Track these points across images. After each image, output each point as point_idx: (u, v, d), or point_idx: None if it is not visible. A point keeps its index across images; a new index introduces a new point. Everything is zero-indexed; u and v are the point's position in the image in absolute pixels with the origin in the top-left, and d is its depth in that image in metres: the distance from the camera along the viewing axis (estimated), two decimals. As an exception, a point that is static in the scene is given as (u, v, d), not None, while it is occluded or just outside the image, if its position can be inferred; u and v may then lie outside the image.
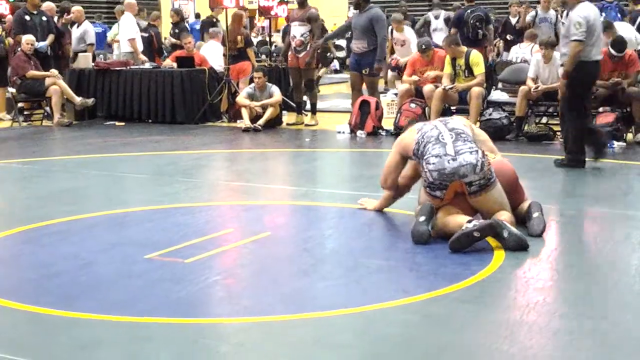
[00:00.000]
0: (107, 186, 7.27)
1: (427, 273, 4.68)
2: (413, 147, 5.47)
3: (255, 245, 5.18)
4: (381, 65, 10.89)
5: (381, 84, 12.55)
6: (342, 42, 24.15)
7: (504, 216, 5.21)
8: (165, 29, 17.15)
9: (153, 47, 14.14)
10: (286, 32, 13.33)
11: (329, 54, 18.25)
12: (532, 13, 12.40)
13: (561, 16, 12.15)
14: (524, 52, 12.04)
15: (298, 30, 11.30)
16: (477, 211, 5.39)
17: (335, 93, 16.48)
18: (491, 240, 5.09)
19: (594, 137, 8.00)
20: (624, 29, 10.89)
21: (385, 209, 6.01)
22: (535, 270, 4.68)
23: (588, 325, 3.77)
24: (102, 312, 3.94)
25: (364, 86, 10.90)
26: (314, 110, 11.59)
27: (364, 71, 10.63)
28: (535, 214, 5.38)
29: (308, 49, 11.21)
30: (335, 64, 22.30)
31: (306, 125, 11.44)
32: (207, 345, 3.59)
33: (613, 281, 4.52)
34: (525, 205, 5.55)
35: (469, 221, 5.07)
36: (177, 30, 14.57)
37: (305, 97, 11.86)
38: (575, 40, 7.61)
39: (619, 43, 9.56)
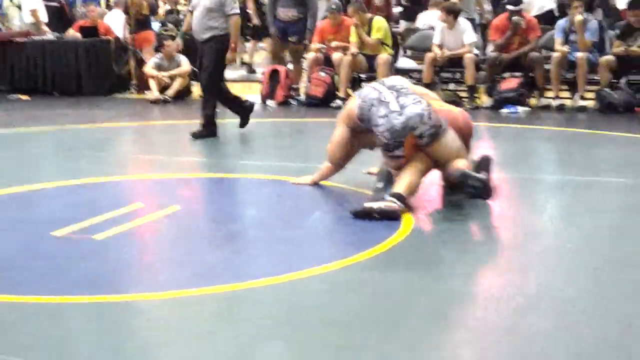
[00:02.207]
0: (10, 163, 7.07)
1: (338, 242, 4.73)
2: (357, 112, 5.42)
3: (166, 219, 5.13)
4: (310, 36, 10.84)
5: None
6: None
7: (461, 164, 5.24)
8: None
9: (64, 16, 13.66)
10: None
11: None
12: None
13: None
14: (431, 19, 12.13)
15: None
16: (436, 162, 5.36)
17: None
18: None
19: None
20: None
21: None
22: (444, 236, 4.79)
23: (496, 286, 3.89)
24: (6, 293, 3.84)
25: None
26: None
27: (290, 39, 10.66)
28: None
29: None
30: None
31: None
32: (119, 322, 3.55)
33: (518, 242, 4.66)
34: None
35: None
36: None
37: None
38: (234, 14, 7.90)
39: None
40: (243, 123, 8.46)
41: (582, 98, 9.44)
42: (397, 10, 12.99)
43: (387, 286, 3.94)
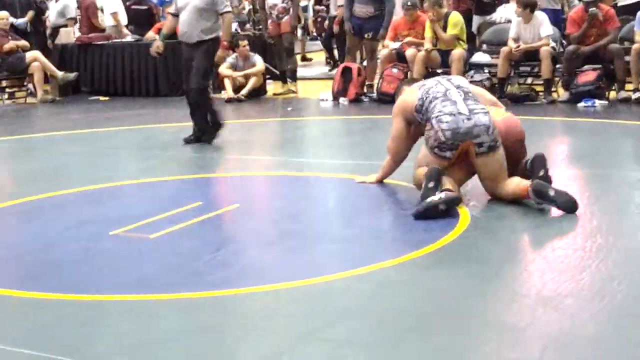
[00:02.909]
0: (84, 162, 7.24)
1: (393, 240, 4.67)
2: (416, 103, 5.28)
3: (222, 218, 5.17)
4: (385, 33, 10.77)
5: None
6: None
7: (514, 183, 5.10)
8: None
9: (152, 18, 13.85)
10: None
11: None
12: None
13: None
14: (509, 12, 11.88)
15: None
16: (475, 173, 5.25)
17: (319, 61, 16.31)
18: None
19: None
20: None
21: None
22: (500, 235, 4.66)
23: (549, 291, 3.76)
24: (62, 292, 3.93)
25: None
26: (294, 77, 11.49)
27: (366, 35, 10.67)
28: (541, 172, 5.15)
29: (291, 13, 11.19)
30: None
31: (289, 91, 11.35)
32: (166, 321, 3.57)
33: (577, 242, 4.49)
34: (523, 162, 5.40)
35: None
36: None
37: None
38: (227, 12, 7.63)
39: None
40: (209, 139, 7.78)
41: (664, 90, 9.07)
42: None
43: (436, 285, 3.87)
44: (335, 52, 13.97)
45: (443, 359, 3.08)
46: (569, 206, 4.87)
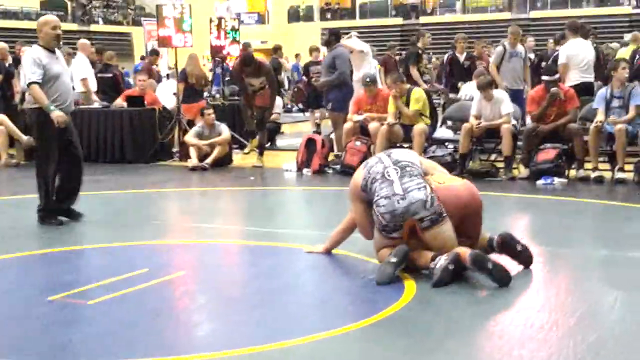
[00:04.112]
0: (31, 226, 7.11)
1: (336, 310, 4.62)
2: (361, 183, 5.32)
3: (165, 285, 5.09)
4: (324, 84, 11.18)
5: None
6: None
7: (462, 250, 5.07)
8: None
9: (117, 86, 13.92)
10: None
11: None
12: (499, 49, 11.91)
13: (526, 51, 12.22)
14: (473, 91, 12.05)
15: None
16: (428, 248, 5.22)
17: (295, 132, 16.41)
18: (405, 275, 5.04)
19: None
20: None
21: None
22: (443, 308, 4.62)
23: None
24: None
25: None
26: (261, 151, 11.44)
27: (327, 107, 11.04)
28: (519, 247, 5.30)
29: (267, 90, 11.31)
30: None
31: (253, 166, 11.30)
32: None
33: (520, 317, 4.46)
34: (484, 238, 5.44)
35: (433, 258, 5.01)
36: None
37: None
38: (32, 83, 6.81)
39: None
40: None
41: (622, 170, 9.16)
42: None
43: (377, 357, 3.80)
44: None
45: None
46: (503, 280, 4.90)
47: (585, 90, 10.48)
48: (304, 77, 16.57)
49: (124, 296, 4.80)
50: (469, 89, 12.08)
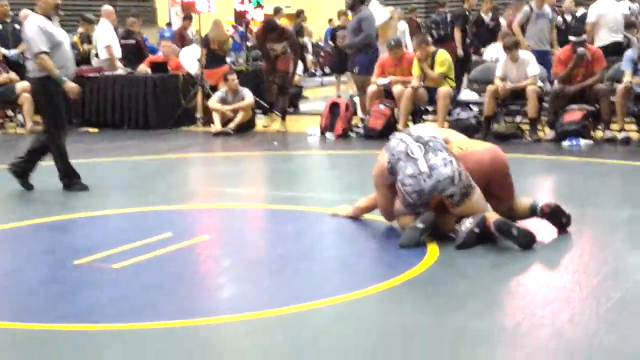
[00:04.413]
0: (59, 193, 7.17)
1: (356, 273, 4.63)
2: (387, 166, 5.21)
3: (189, 249, 5.13)
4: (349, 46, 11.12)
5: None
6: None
7: (490, 215, 5.07)
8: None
9: (140, 52, 13.91)
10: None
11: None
12: (526, 9, 11.54)
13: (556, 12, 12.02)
14: (498, 51, 11.92)
15: None
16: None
17: (319, 97, 16.36)
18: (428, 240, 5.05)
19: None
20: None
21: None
22: (465, 270, 4.62)
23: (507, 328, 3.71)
24: (14, 320, 3.89)
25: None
26: (283, 116, 11.46)
27: (353, 70, 10.91)
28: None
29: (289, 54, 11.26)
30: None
31: (277, 131, 11.30)
32: (109, 352, 3.53)
33: (542, 278, 4.45)
34: (525, 203, 5.42)
35: (458, 220, 5.02)
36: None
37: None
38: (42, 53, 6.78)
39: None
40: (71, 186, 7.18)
41: (650, 131, 9.07)
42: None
43: (396, 320, 3.83)
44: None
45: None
46: (529, 244, 4.90)
47: (613, 51, 10.32)
48: (330, 42, 16.49)
49: (149, 260, 4.85)
50: (494, 51, 11.95)
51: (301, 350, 3.48)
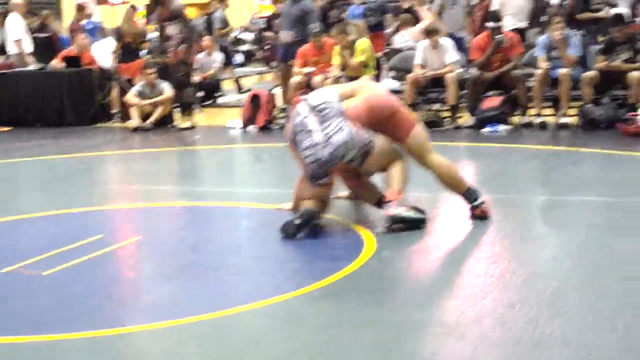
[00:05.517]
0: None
1: (293, 270, 4.60)
2: (290, 137, 5.25)
3: (122, 251, 5.01)
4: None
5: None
6: (247, 36, 24.02)
7: (393, 181, 5.20)
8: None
9: (53, 47, 13.52)
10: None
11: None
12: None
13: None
14: (406, 40, 11.98)
15: None
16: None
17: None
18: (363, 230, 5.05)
19: None
20: None
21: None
22: (403, 263, 4.64)
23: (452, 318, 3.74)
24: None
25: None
26: (190, 111, 11.15)
27: (290, 62, 10.66)
28: None
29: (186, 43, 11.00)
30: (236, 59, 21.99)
31: (180, 128, 10.85)
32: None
33: (484, 267, 4.50)
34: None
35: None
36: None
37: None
38: None
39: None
40: None
41: (565, 115, 9.28)
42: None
43: (336, 317, 3.80)
44: None
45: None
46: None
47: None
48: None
49: (80, 265, 4.70)
50: (403, 37, 12.02)
51: (242, 355, 3.42)
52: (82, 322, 3.84)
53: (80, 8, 15.64)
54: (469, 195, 5.40)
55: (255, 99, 10.50)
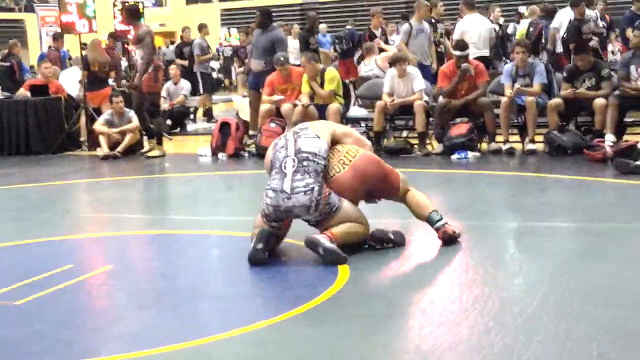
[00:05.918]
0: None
1: (268, 298, 4.58)
2: (268, 165, 5.31)
3: (94, 280, 4.96)
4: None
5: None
6: (214, 64, 24.03)
7: (337, 229, 5.10)
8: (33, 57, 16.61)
9: (14, 76, 13.48)
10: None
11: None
12: (406, 27, 11.84)
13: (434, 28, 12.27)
14: (371, 68, 12.09)
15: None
16: None
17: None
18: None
19: None
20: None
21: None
22: (378, 290, 4.65)
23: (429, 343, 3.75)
24: None
25: None
26: (159, 140, 10.88)
27: (261, 90, 10.66)
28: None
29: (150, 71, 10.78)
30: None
31: (148, 157, 10.69)
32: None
33: (459, 293, 4.52)
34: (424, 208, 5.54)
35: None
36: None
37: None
38: None
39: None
40: None
41: (532, 141, 9.40)
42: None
43: (312, 344, 3.79)
44: None
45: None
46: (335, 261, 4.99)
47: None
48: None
49: (53, 294, 4.65)
50: (366, 68, 12.14)
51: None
52: (57, 351, 3.79)
53: (57, 37, 15.56)
54: (431, 218, 5.49)
55: (224, 126, 10.50)
